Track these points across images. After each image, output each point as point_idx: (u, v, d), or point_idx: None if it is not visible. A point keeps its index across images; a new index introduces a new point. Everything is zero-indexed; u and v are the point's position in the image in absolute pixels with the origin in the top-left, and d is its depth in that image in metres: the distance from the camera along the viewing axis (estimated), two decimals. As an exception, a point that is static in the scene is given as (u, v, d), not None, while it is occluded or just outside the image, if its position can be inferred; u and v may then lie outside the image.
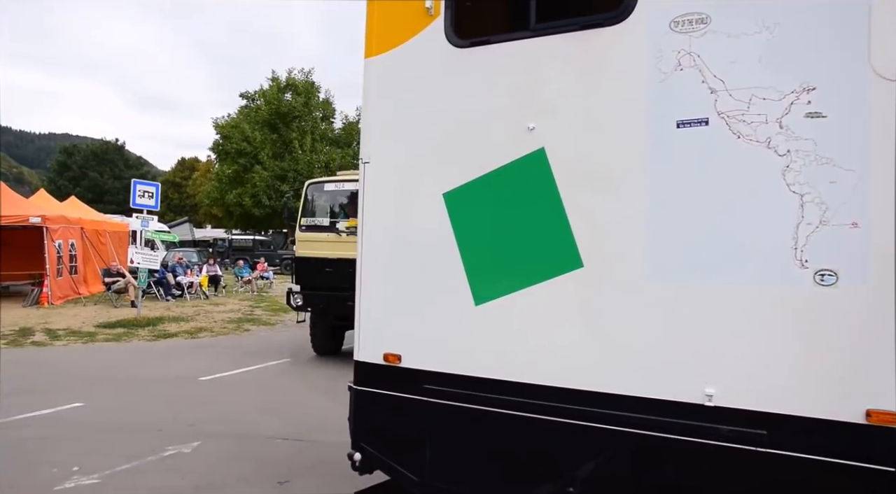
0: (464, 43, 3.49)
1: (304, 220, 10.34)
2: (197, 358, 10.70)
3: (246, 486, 5.19)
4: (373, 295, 3.86)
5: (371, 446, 3.88)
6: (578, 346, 3.17)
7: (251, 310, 17.15)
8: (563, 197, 3.18)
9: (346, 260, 9.39)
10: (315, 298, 9.92)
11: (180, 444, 6.07)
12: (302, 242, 10.25)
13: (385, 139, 3.82)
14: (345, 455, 5.89)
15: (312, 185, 10.74)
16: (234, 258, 32.02)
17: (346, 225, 9.90)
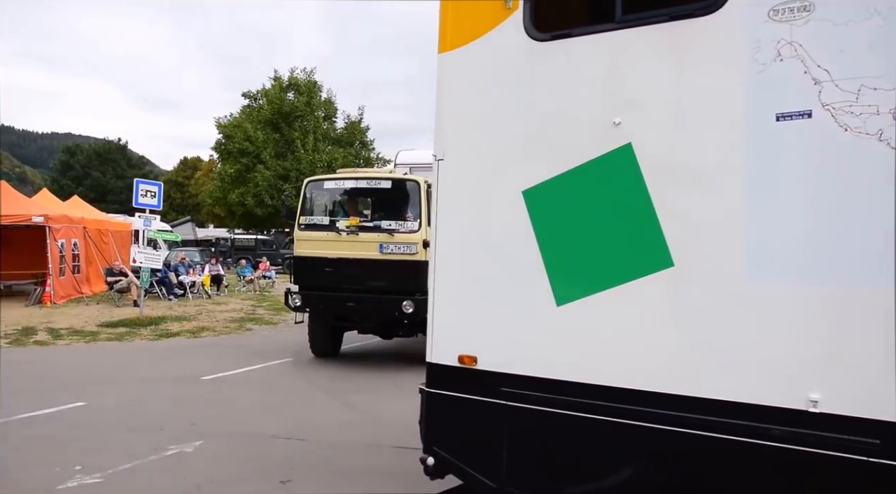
0: (544, 36, 3.39)
1: (304, 219, 10.00)
2: (199, 357, 10.71)
3: (248, 486, 5.19)
4: (447, 296, 3.75)
5: (444, 450, 3.75)
6: (669, 348, 3.03)
7: (253, 310, 17.15)
8: (652, 193, 3.07)
9: (346, 259, 9.39)
10: (314, 298, 9.68)
11: (182, 443, 6.07)
12: (301, 241, 9.95)
13: (460, 136, 3.73)
14: (348, 455, 5.91)
15: (312, 183, 10.43)
16: (237, 257, 32.07)
17: (347, 224, 9.63)
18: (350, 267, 9.33)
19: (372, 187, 10.06)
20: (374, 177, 10.20)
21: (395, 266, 9.18)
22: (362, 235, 9.40)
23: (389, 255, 9.19)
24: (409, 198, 9.60)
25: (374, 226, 9.50)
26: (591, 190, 3.24)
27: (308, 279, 9.77)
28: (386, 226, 9.37)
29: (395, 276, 9.17)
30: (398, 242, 9.17)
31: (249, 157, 36.98)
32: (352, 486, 5.23)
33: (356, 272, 9.31)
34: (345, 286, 9.39)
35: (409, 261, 9.14)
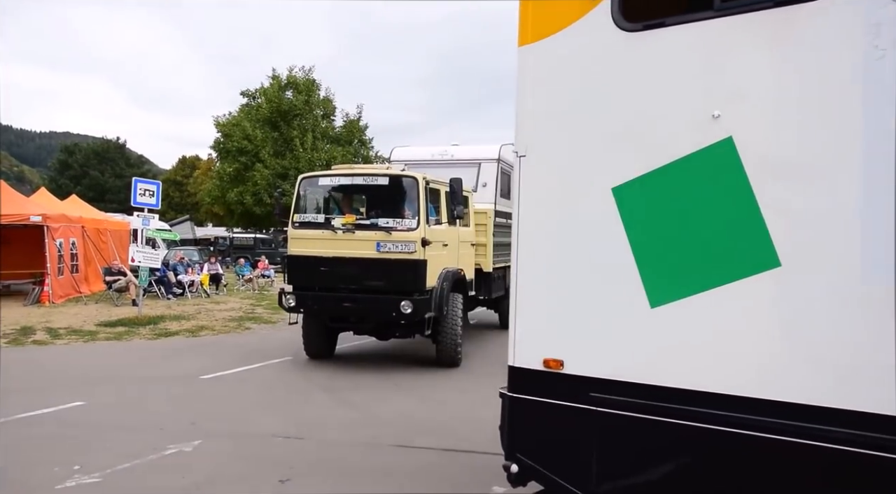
0: (634, 26, 3.24)
1: (297, 217, 9.61)
2: (198, 356, 10.70)
3: (247, 485, 5.18)
4: (531, 298, 3.61)
5: (528, 457, 3.61)
6: (776, 352, 2.87)
7: (252, 309, 17.14)
8: (756, 189, 2.90)
9: (341, 258, 9.09)
10: (309, 299, 9.32)
11: (181, 443, 6.06)
12: (295, 240, 9.52)
13: (543, 131, 3.58)
14: (348, 453, 5.91)
15: (306, 180, 10.02)
16: (236, 256, 32.08)
17: (342, 222, 9.26)
18: (346, 266, 9.04)
19: (368, 184, 9.72)
20: (371, 174, 9.80)
21: (393, 265, 8.89)
22: (359, 233, 9.08)
23: (387, 254, 8.89)
24: (407, 195, 9.31)
25: (371, 224, 9.19)
26: (688, 186, 3.10)
27: (302, 279, 9.43)
28: (383, 224, 9.07)
29: (393, 276, 8.90)
30: (396, 240, 8.87)
31: (248, 156, 36.92)
32: (351, 485, 5.23)
33: (352, 271, 9.01)
34: (341, 286, 9.11)
35: (408, 260, 8.85)
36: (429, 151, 12.42)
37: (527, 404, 3.61)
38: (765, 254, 2.89)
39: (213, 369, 9.46)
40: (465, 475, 5.42)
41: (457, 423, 6.92)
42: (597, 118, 3.40)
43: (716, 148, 3.01)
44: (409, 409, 7.50)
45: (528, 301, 3.63)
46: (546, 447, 3.59)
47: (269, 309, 17.04)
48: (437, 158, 12.10)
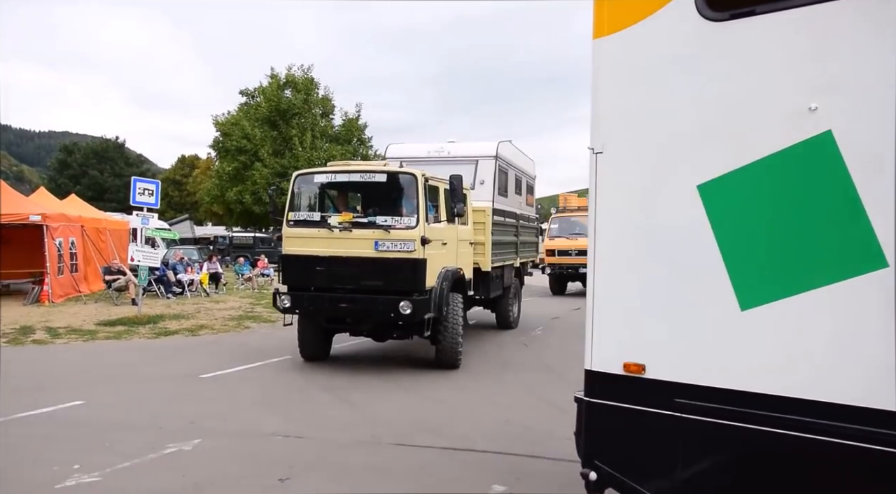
0: (721, 15, 3.10)
1: (292, 215, 9.31)
2: (198, 355, 10.69)
3: (247, 484, 5.18)
4: (609, 300, 3.49)
5: (607, 464, 3.51)
6: (883, 358, 2.70)
7: (252, 308, 17.14)
8: (859, 185, 2.74)
9: (338, 258, 8.83)
10: (304, 300, 9.01)
11: (181, 442, 6.06)
12: (290, 239, 9.19)
13: (622, 126, 3.45)
14: (348, 452, 5.91)
15: (301, 177, 9.66)
16: (235, 255, 32.04)
17: (339, 220, 8.97)
18: (343, 265, 8.77)
19: (366, 181, 9.29)
20: (368, 170, 9.44)
21: (392, 264, 8.62)
22: (356, 232, 8.79)
23: (385, 253, 8.62)
24: (406, 192, 9.09)
25: (369, 222, 8.88)
26: (782, 183, 2.95)
27: (298, 279, 9.11)
28: (381, 222, 8.78)
29: (391, 275, 8.64)
30: (395, 239, 8.63)
31: (247, 155, 36.87)
32: (351, 484, 5.23)
33: (350, 271, 8.74)
34: (337, 286, 8.83)
35: (407, 259, 8.59)
36: (425, 148, 12.16)
37: (605, 409, 3.50)
38: (870, 254, 2.74)
39: (212, 368, 9.45)
40: (466, 473, 5.42)
41: (457, 421, 6.92)
42: (680, 112, 3.27)
43: (813, 142, 2.86)
44: (408, 408, 7.50)
45: (607, 303, 3.51)
46: (627, 454, 3.48)
47: (268, 309, 17.01)
48: (433, 155, 11.86)
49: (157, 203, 14.84)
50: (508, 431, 6.55)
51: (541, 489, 5.11)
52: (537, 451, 5.94)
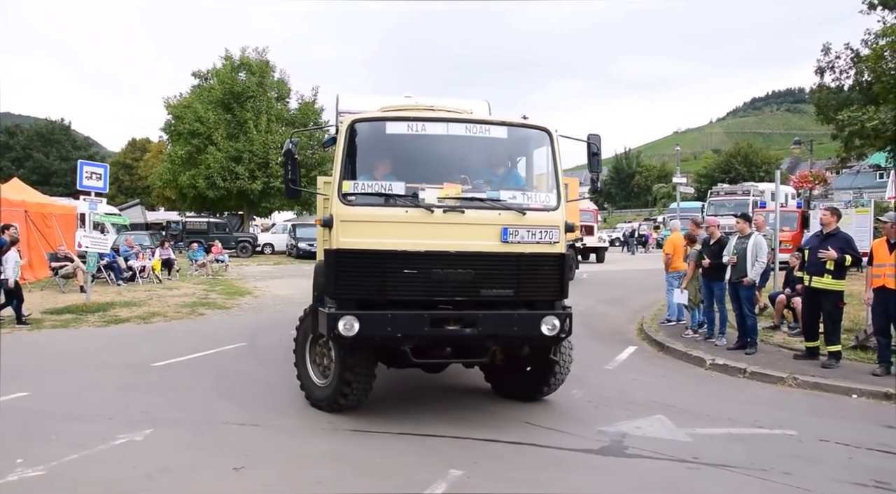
0: None
1: (352, 185, 5.95)
2: (150, 343, 10.43)
3: (200, 473, 5.08)
4: None
5: None
6: None
7: (206, 294, 16.81)
8: None
9: (443, 254, 5.83)
10: (387, 322, 5.75)
11: (132, 432, 5.90)
12: (349, 224, 5.86)
13: None
14: (304, 440, 5.84)
15: (362, 125, 6.18)
16: (189, 241, 31.42)
17: (441, 194, 5.94)
18: (451, 266, 5.84)
19: (473, 135, 6.20)
20: (479, 120, 6.38)
21: (528, 263, 5.98)
22: (470, 214, 5.91)
23: (518, 246, 5.92)
24: (532, 156, 6.52)
25: (490, 200, 6.05)
26: None
27: (365, 289, 5.87)
28: (511, 200, 6.08)
29: (527, 280, 6.00)
30: (532, 225, 5.96)
31: (200, 139, 36.10)
32: (307, 471, 5.17)
33: (461, 275, 5.85)
34: (440, 298, 5.89)
35: (549, 256, 6.05)
36: (393, 104, 8.65)
37: None
38: None
39: (165, 356, 9.23)
40: (423, 458, 5.42)
41: (416, 406, 6.91)
42: None
43: None
44: (366, 394, 7.45)
45: None
46: None
47: (223, 295, 16.75)
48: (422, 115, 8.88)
49: (106, 187, 14.41)
50: (467, 415, 6.57)
51: (498, 472, 5.13)
52: (496, 435, 5.97)
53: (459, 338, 5.99)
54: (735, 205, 24.87)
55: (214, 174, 35.26)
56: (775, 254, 11.80)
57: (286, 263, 30.08)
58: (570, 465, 5.34)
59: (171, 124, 38.07)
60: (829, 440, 6.04)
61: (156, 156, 54.74)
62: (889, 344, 8.26)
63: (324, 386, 6.68)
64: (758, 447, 5.86)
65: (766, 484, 4.99)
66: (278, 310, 14.45)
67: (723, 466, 5.35)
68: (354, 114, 6.36)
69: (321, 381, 6.77)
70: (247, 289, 18.20)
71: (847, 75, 24.90)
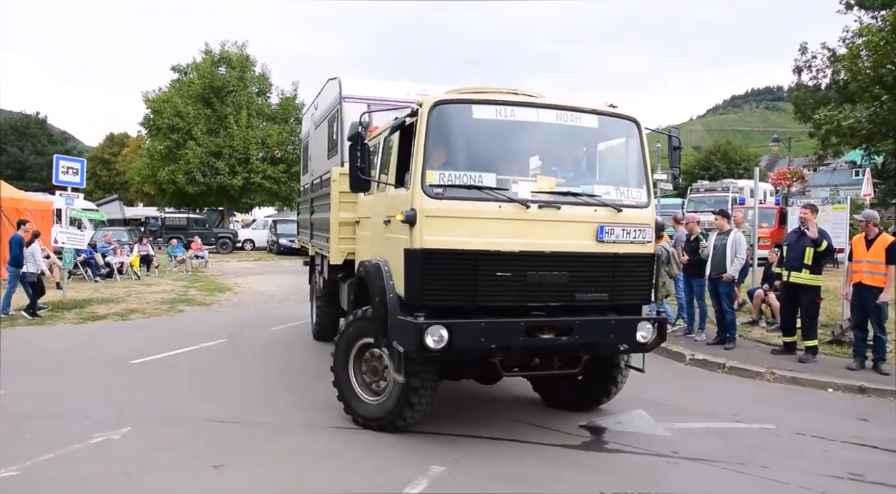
0: None
1: (437, 176, 5.21)
2: (128, 340, 10.30)
3: (180, 472, 5.03)
4: None
5: None
6: None
7: (185, 291, 16.64)
8: None
9: (539, 254, 5.28)
10: (479, 332, 5.10)
11: (109, 430, 5.82)
12: (435, 220, 5.14)
13: None
14: (285, 437, 5.80)
15: (445, 108, 5.41)
16: (168, 237, 31.06)
17: (535, 188, 5.40)
18: (546, 267, 5.30)
19: (561, 123, 5.61)
20: (569, 107, 5.68)
21: (622, 264, 5.55)
22: (566, 210, 5.39)
23: (613, 246, 5.48)
24: (626, 149, 5.90)
25: (586, 195, 5.54)
26: None
27: (454, 294, 5.18)
28: (605, 196, 5.59)
29: (620, 282, 5.57)
30: (627, 223, 5.54)
31: (180, 133, 35.65)
32: (288, 468, 5.14)
33: (556, 278, 5.32)
34: (533, 304, 5.34)
35: (642, 257, 5.66)
36: (401, 89, 8.52)
37: None
38: None
39: (143, 353, 9.12)
40: (404, 455, 5.40)
41: (396, 403, 6.88)
42: None
43: None
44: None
45: None
46: None
47: (203, 291, 16.59)
48: (413, 100, 7.39)
49: (83, 182, 14.22)
50: (449, 411, 6.56)
51: (479, 468, 5.14)
52: (477, 431, 5.97)
53: (554, 348, 5.54)
54: (715, 202, 25.06)
55: (194, 169, 34.85)
56: (754, 251, 11.92)
57: (267, 259, 29.87)
58: (551, 460, 5.36)
59: (150, 119, 37.57)
60: (805, 433, 6.12)
61: (134, 151, 54.04)
62: (865, 338, 8.39)
63: (375, 404, 5.98)
64: (736, 441, 5.92)
65: (743, 478, 5.05)
66: (258, 307, 14.35)
67: (701, 460, 5.40)
68: (433, 96, 5.56)
69: (371, 398, 6.03)
70: (227, 286, 18.05)
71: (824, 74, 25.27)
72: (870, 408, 7.04)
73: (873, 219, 8.47)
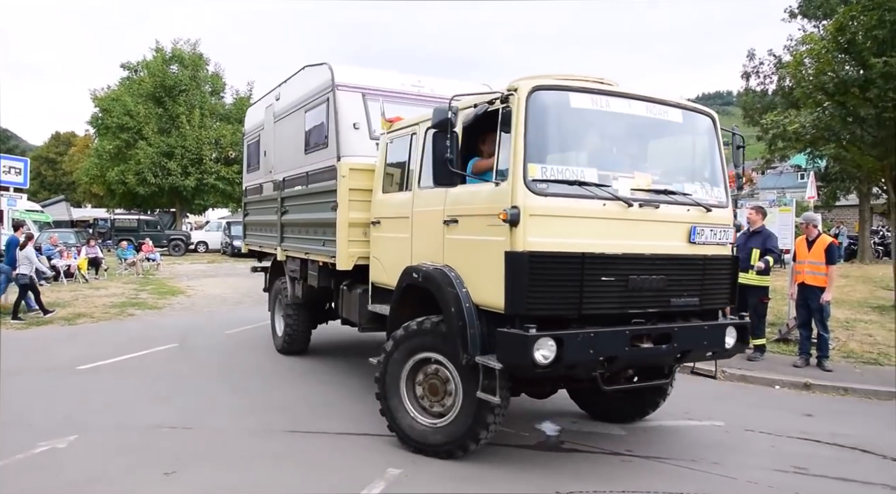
0: None
1: (541, 170, 4.70)
2: (75, 345, 9.99)
3: (129, 479, 4.89)
4: None
5: None
6: None
7: (136, 294, 16.23)
8: None
9: (640, 257, 4.92)
10: (587, 344, 4.63)
11: (55, 439, 5.63)
12: (541, 220, 4.64)
13: None
14: (238, 442, 5.70)
15: (545, 95, 4.86)
16: (118, 239, 30.27)
17: (634, 185, 5.04)
18: (646, 271, 4.95)
19: (653, 117, 5.30)
20: (659, 100, 5.38)
21: (709, 267, 5.29)
22: (665, 210, 5.09)
23: (703, 247, 5.25)
24: (697, 144, 5.71)
25: (679, 194, 5.23)
26: None
27: (561, 302, 4.66)
28: (692, 195, 5.31)
29: (709, 286, 5.29)
30: (714, 224, 5.32)
31: (130, 133, 34.79)
32: (242, 473, 5.05)
33: (654, 282, 4.97)
34: (634, 311, 4.98)
35: (725, 259, 5.46)
36: (396, 80, 7.85)
37: None
38: None
39: (91, 359, 8.86)
40: (361, 457, 5.36)
41: (354, 405, 6.84)
42: None
43: None
44: (305, 393, 7.34)
45: None
46: None
47: (154, 295, 16.20)
48: (408, 92, 7.75)
49: (27, 182, 13.82)
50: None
51: (436, 469, 5.13)
52: (434, 432, 5.96)
53: (654, 358, 5.21)
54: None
55: (145, 170, 34.04)
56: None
57: (220, 262, 29.36)
58: (507, 460, 5.39)
59: (99, 117, 36.57)
60: (753, 429, 6.30)
61: (82, 151, 52.52)
62: (810, 336, 8.68)
63: (433, 427, 5.37)
64: (688, 438, 6.05)
65: (695, 474, 5.16)
66: (212, 310, 14.09)
67: (655, 458, 5.51)
68: (530, 79, 4.91)
69: (427, 421, 5.42)
70: (179, 289, 17.67)
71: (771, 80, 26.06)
72: (814, 404, 7.28)
73: (812, 221, 8.80)
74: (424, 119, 5.72)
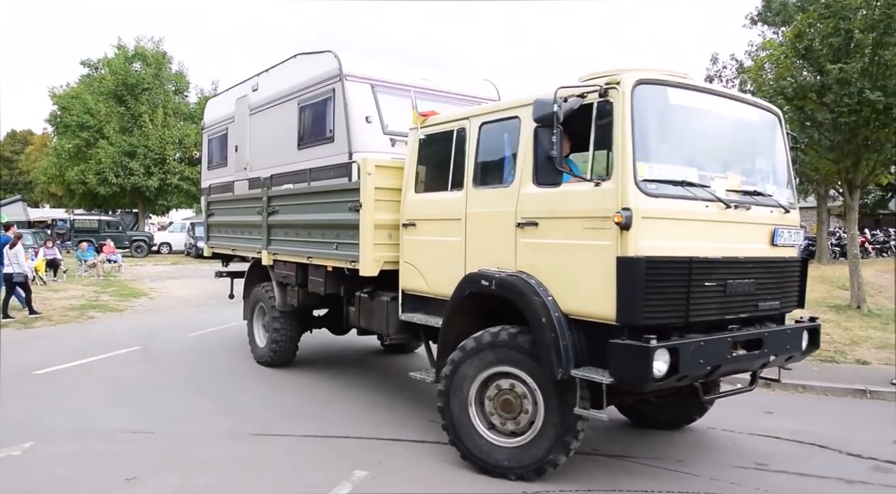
0: None
1: (649, 170, 4.47)
2: (32, 350, 9.72)
3: (88, 486, 4.79)
4: None
5: None
6: None
7: (97, 296, 15.87)
8: None
9: (733, 261, 4.79)
10: (698, 354, 4.44)
11: (9, 446, 5.46)
12: (652, 222, 4.37)
13: None
14: (202, 446, 5.61)
15: (647, 90, 4.59)
16: (77, 240, 29.56)
17: (728, 185, 4.89)
18: (740, 275, 4.82)
19: (738, 116, 5.27)
20: (739, 97, 5.53)
21: (787, 270, 5.26)
22: (755, 212, 5.00)
23: (782, 250, 5.19)
24: (775, 145, 5.54)
25: (766, 195, 5.19)
26: None
27: (671, 309, 4.45)
28: (772, 196, 5.24)
29: (787, 288, 5.27)
30: (790, 225, 5.26)
31: (90, 132, 33.97)
32: (204, 479, 4.97)
33: (746, 287, 4.84)
34: (730, 316, 4.84)
35: (796, 261, 5.41)
36: (405, 74, 7.49)
37: None
38: None
39: (49, 363, 8.63)
40: (326, 460, 5.32)
41: (321, 408, 6.79)
42: None
43: None
44: (271, 396, 7.25)
45: None
46: None
47: (115, 297, 15.86)
48: (416, 84, 7.29)
49: (-19, 182, 13.34)
50: (372, 415, 6.51)
51: (402, 471, 5.12)
52: (400, 434, 5.95)
53: (748, 364, 5.06)
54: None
55: (106, 169, 33.28)
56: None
57: (184, 263, 28.86)
58: (476, 461, 5.39)
59: (58, 115, 35.67)
60: (716, 427, 6.41)
61: (39, 150, 51.21)
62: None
63: (506, 447, 4.99)
64: (654, 437, 6.13)
65: (661, 472, 5.23)
66: (175, 312, 13.84)
67: (621, 456, 5.57)
68: (632, 72, 4.59)
69: (499, 440, 5.04)
70: (142, 291, 17.33)
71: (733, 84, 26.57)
72: (775, 402, 7.44)
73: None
74: (475, 113, 5.52)
